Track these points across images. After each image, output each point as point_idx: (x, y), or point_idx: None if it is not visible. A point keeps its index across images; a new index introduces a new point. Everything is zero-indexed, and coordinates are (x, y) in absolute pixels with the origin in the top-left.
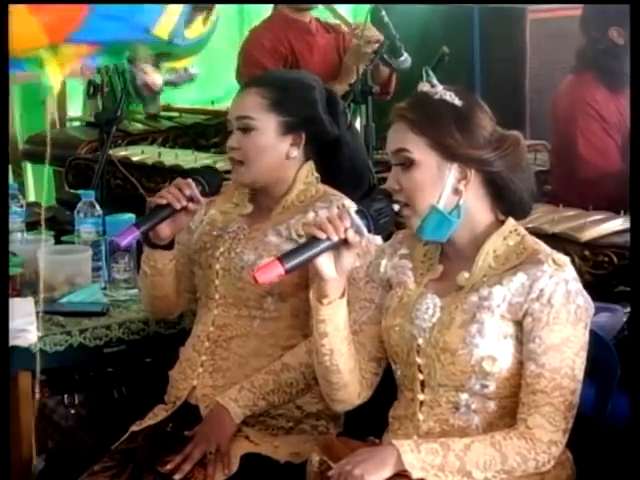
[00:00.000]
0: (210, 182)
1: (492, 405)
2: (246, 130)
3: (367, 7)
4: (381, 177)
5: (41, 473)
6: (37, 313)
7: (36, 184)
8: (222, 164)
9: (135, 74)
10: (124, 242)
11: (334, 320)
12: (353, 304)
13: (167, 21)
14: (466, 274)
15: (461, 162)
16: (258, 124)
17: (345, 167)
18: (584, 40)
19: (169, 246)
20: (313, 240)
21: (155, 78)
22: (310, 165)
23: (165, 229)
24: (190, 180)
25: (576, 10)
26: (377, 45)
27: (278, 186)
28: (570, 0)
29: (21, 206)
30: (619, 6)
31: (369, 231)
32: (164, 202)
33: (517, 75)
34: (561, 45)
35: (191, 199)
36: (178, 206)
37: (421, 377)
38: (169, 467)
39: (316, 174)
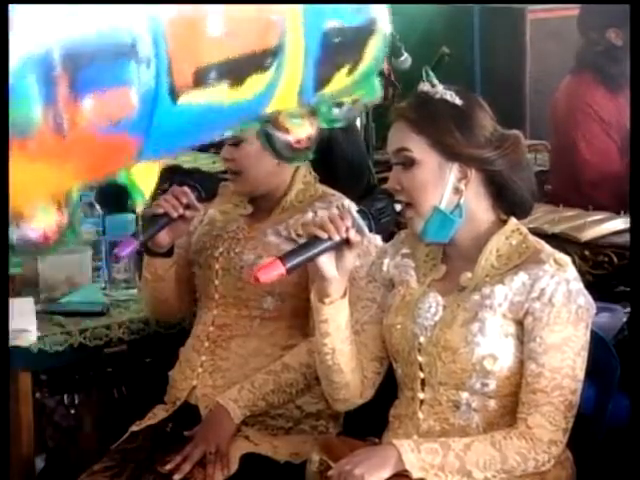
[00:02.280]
0: (206, 187)
1: (492, 404)
2: (236, 144)
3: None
4: (381, 177)
5: (41, 473)
6: (37, 313)
7: None
8: (221, 164)
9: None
10: (123, 253)
11: (336, 320)
12: (355, 304)
13: (287, 92)
14: (469, 274)
15: (461, 161)
16: (245, 135)
17: (340, 166)
18: (582, 41)
19: (169, 253)
20: (314, 240)
21: (299, 133)
22: (307, 165)
23: (164, 237)
24: (186, 188)
25: (576, 10)
26: None
27: (276, 190)
28: (570, 0)
29: None
30: (616, 7)
31: (370, 231)
32: (161, 211)
33: (517, 75)
34: (561, 45)
35: (188, 206)
36: (175, 215)
37: (422, 375)
38: (169, 467)
39: (314, 174)
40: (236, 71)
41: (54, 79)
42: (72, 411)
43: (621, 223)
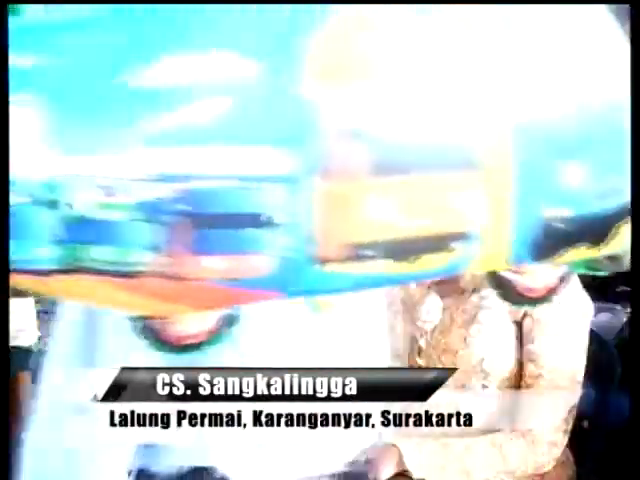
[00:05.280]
0: None
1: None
2: None
3: None
4: None
5: None
6: (37, 313)
7: None
8: None
9: None
10: None
11: None
12: None
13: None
14: (469, 277)
15: None
16: None
17: None
18: None
19: None
20: None
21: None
22: None
23: None
24: None
25: None
26: None
27: None
28: (570, 0)
29: None
30: (611, 9)
31: None
32: None
33: None
34: None
35: None
36: None
37: None
38: None
39: None
40: (405, 250)
41: (174, 228)
42: None
43: None
